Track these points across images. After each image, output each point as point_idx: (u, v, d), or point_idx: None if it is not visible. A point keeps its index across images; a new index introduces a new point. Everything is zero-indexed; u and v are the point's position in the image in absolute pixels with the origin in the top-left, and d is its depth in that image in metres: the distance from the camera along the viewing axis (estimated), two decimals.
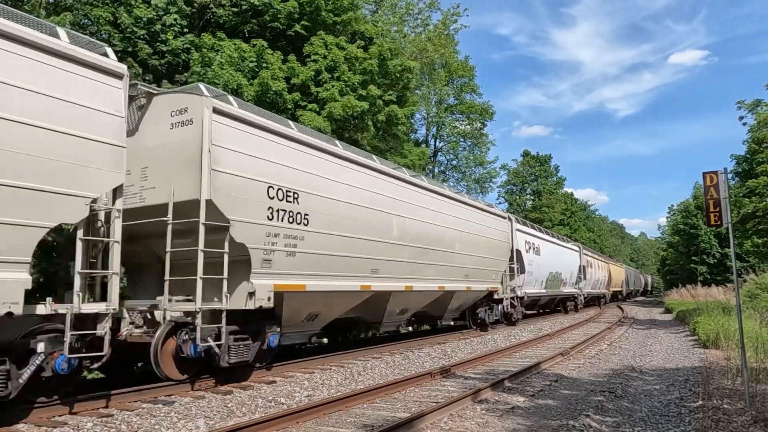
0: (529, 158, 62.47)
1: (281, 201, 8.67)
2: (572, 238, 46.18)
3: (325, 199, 9.71)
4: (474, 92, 38.12)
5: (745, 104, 21.33)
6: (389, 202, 11.79)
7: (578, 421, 6.28)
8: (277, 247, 8.60)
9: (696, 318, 18.21)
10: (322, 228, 9.55)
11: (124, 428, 5.95)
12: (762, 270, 30.02)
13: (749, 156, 22.78)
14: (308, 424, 6.23)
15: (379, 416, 6.61)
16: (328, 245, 9.77)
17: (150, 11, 16.79)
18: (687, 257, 55.04)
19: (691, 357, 12.42)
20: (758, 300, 22.75)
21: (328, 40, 19.09)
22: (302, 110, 17.83)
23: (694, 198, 54.24)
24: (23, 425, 5.95)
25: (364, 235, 10.74)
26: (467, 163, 38.80)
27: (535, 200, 59.88)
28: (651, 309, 39.01)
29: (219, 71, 16.21)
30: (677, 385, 8.85)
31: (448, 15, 34.55)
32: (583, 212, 69.01)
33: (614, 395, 7.90)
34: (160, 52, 17.25)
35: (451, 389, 8.32)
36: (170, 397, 7.41)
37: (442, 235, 14.20)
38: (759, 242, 22.62)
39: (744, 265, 35.44)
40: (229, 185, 7.84)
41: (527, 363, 10.65)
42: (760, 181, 19.68)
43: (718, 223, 7.19)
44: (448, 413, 6.62)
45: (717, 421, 6.26)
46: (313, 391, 8.00)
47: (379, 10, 29.50)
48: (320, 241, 9.53)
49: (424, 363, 10.98)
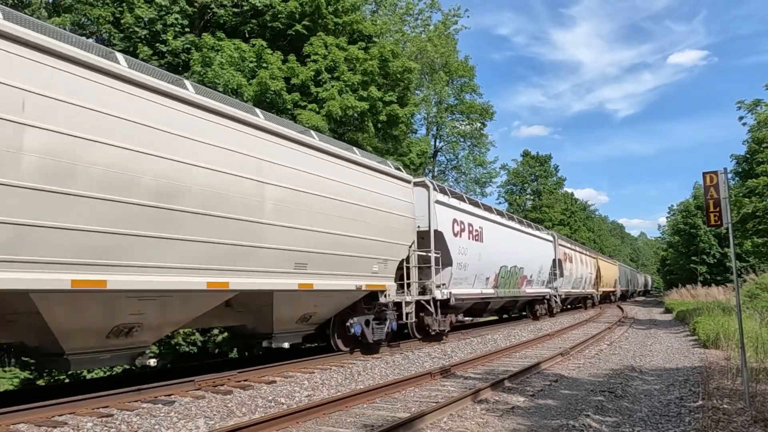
0: (529, 158, 62.47)
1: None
2: (572, 238, 46.12)
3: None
4: (474, 92, 38.15)
5: (745, 104, 21.38)
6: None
7: (578, 421, 6.28)
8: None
9: (696, 318, 18.20)
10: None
11: (124, 428, 5.95)
12: (762, 270, 29.99)
13: (749, 156, 22.78)
14: (308, 424, 6.23)
15: (379, 416, 6.61)
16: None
17: (151, 11, 16.80)
18: (687, 257, 55.06)
19: (691, 357, 12.41)
20: (758, 300, 22.72)
21: (328, 40, 19.10)
22: (301, 110, 17.84)
23: (694, 198, 54.27)
24: (23, 425, 5.95)
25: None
26: (467, 164, 38.83)
27: (535, 200, 59.87)
28: (651, 309, 39.00)
29: (219, 71, 16.23)
30: (677, 385, 8.85)
31: (449, 15, 34.63)
32: (583, 212, 69.06)
33: (614, 395, 7.90)
34: (160, 53, 17.26)
35: (451, 389, 8.32)
36: (170, 396, 7.41)
37: (226, 186, 7.74)
38: (759, 242, 22.63)
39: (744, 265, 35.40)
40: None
41: (527, 363, 10.65)
42: (760, 181, 19.69)
43: (718, 223, 7.18)
44: (448, 413, 6.62)
45: (717, 421, 6.26)
46: (313, 391, 8.00)
47: (379, 10, 29.51)
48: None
49: (424, 363, 10.98)
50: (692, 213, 54.20)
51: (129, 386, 7.46)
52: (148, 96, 6.84)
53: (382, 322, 11.88)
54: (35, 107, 5.65)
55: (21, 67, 5.60)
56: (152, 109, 6.87)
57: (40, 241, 5.65)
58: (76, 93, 6.04)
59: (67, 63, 6.01)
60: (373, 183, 11.30)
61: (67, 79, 5.98)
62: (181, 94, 7.31)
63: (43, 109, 5.72)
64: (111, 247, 6.28)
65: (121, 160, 6.38)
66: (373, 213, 11.07)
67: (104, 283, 6.19)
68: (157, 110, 6.93)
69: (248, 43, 18.08)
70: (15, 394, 8.01)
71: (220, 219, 7.62)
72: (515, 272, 19.79)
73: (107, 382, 8.20)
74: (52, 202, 5.74)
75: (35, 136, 5.64)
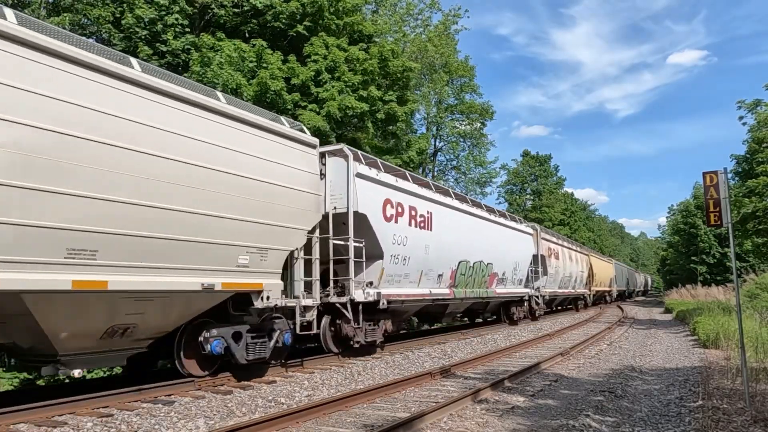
0: (529, 158, 62.46)
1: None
2: (572, 238, 46.08)
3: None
4: (474, 92, 38.14)
5: (745, 104, 21.39)
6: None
7: (578, 420, 6.28)
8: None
9: (696, 318, 18.21)
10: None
11: (124, 428, 5.95)
12: (762, 270, 30.01)
13: (749, 156, 22.78)
14: (308, 424, 6.23)
15: (379, 416, 6.61)
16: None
17: (152, 11, 16.80)
18: (687, 257, 55.08)
19: (690, 357, 12.41)
20: (758, 300, 22.75)
21: (329, 41, 19.10)
22: (302, 110, 17.84)
23: (694, 198, 54.29)
24: (23, 425, 5.95)
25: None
26: (467, 164, 38.82)
27: (535, 200, 59.87)
28: (651, 309, 39.00)
29: (218, 71, 16.22)
30: (677, 385, 8.85)
31: (449, 15, 34.62)
32: (583, 212, 69.05)
33: (614, 395, 7.90)
34: (160, 53, 17.26)
35: (451, 389, 8.32)
36: (170, 396, 7.41)
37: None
38: (759, 242, 22.63)
39: (744, 265, 35.42)
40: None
41: (527, 363, 10.65)
42: (760, 181, 19.69)
43: (718, 223, 7.19)
44: (448, 413, 6.63)
45: (717, 421, 6.26)
46: (313, 391, 8.00)
47: (380, 10, 29.51)
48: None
49: (424, 363, 10.98)
50: (692, 213, 54.22)
51: (129, 386, 7.46)
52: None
53: (266, 335, 8.81)
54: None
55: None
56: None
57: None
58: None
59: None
60: (246, 142, 8.18)
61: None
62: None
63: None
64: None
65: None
66: (243, 183, 8.00)
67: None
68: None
69: (248, 44, 18.07)
70: (15, 394, 8.00)
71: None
72: (481, 269, 16.61)
73: (107, 382, 8.20)
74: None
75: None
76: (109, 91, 6.41)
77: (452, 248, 14.56)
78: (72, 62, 6.07)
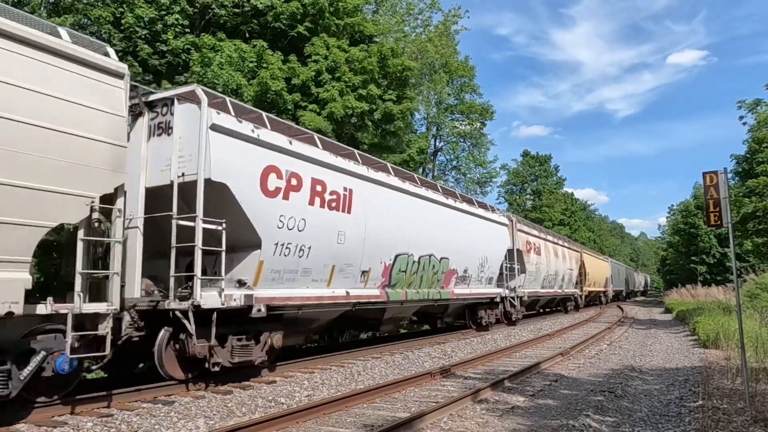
0: (529, 158, 62.51)
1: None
2: (572, 238, 46.06)
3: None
4: (474, 92, 38.17)
5: (745, 104, 21.41)
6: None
7: (578, 420, 6.28)
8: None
9: (696, 318, 18.21)
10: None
11: (124, 428, 5.95)
12: (762, 270, 30.01)
13: (749, 156, 22.79)
14: (308, 424, 6.23)
15: (379, 416, 6.61)
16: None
17: (152, 11, 16.80)
18: (687, 257, 55.06)
19: (691, 357, 12.42)
20: (758, 300, 22.74)
21: (329, 41, 19.11)
22: (302, 111, 17.85)
23: (694, 198, 54.26)
24: (23, 425, 5.95)
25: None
26: (467, 164, 38.84)
27: (535, 200, 59.91)
28: (651, 309, 39.02)
29: (218, 71, 16.23)
30: (677, 385, 8.86)
31: (449, 16, 34.62)
32: (583, 212, 69.08)
33: (614, 395, 7.91)
34: (161, 52, 17.26)
35: (451, 389, 8.32)
36: (170, 396, 7.41)
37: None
38: (759, 242, 22.63)
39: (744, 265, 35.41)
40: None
41: (527, 363, 10.65)
42: (760, 181, 19.70)
43: (718, 223, 7.19)
44: (448, 413, 6.63)
45: (717, 420, 6.26)
46: (313, 391, 8.00)
47: (380, 10, 29.52)
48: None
49: (424, 363, 10.98)
50: (692, 213, 54.19)
51: (129, 386, 7.46)
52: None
53: (16, 362, 5.74)
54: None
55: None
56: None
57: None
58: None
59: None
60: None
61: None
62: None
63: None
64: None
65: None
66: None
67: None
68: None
69: (249, 44, 18.08)
70: None
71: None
72: (431, 265, 13.48)
73: (107, 382, 8.20)
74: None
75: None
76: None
77: (385, 237, 11.42)
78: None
